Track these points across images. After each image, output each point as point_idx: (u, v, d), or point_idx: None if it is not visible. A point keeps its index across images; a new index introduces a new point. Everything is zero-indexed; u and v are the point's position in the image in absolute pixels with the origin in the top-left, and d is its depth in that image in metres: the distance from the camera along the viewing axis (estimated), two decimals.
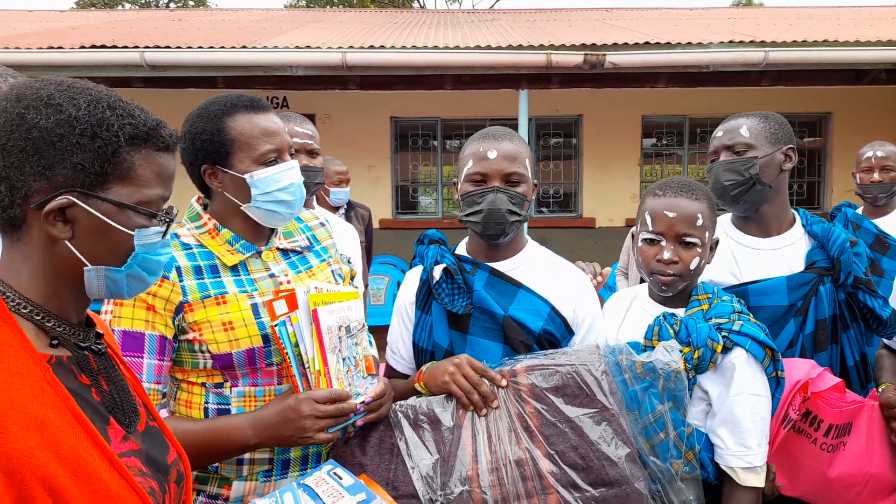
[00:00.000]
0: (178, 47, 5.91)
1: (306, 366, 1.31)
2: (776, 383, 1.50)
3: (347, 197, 4.00)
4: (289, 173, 1.43)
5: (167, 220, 0.89)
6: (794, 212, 1.88)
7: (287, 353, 1.31)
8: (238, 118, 1.39)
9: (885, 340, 1.83)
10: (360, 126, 7.97)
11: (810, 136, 8.38)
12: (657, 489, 1.38)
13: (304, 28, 8.35)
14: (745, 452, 1.46)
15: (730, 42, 6.13)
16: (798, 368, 1.58)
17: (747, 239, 1.81)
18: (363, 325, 1.44)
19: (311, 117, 7.94)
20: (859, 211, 3.10)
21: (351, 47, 5.98)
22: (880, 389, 1.66)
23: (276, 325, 1.30)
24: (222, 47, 5.96)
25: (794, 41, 6.13)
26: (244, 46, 6.02)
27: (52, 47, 5.98)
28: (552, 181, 8.42)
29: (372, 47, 6.02)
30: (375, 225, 5.60)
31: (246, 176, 1.39)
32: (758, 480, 1.47)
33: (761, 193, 1.76)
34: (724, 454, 1.48)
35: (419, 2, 20.96)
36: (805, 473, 1.58)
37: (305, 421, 1.27)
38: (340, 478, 1.21)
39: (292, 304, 1.32)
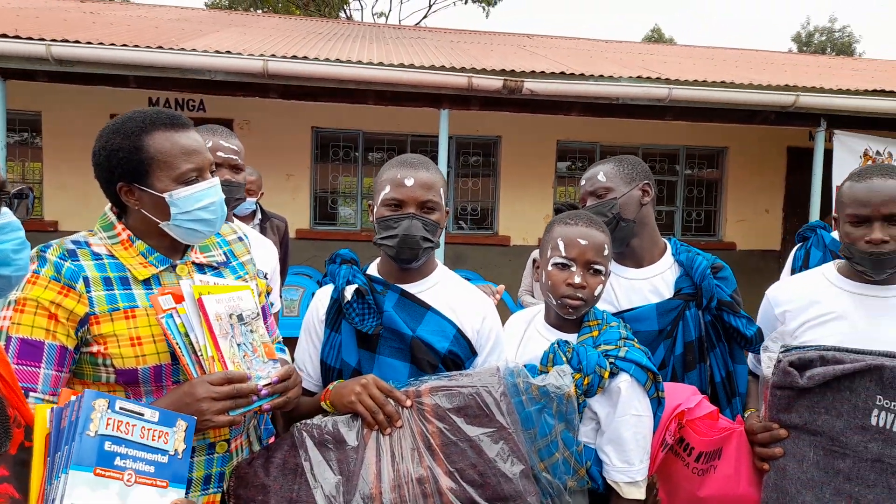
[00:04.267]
0: (89, 43, 5.63)
1: (199, 353, 1.30)
2: (657, 403, 1.63)
3: (252, 207, 3.90)
4: (210, 191, 1.41)
5: None
6: (666, 241, 2.06)
7: (177, 344, 1.29)
8: (157, 136, 1.36)
9: (749, 366, 2.01)
10: (279, 134, 7.86)
11: (709, 167, 9.00)
12: (547, 502, 1.47)
13: (225, 31, 8.15)
14: (628, 468, 1.58)
15: (638, 77, 6.51)
16: (679, 393, 1.72)
17: (623, 270, 1.99)
18: (258, 314, 1.43)
19: (229, 122, 7.75)
20: (835, 234, 2.80)
21: (273, 56, 5.90)
22: (745, 416, 1.81)
23: (162, 318, 1.29)
24: (136, 46, 5.73)
25: (695, 80, 6.60)
26: (160, 47, 5.81)
27: None
28: (470, 199, 8.59)
29: (295, 57, 5.96)
30: (292, 235, 5.53)
31: (165, 195, 1.36)
32: (639, 493, 1.59)
33: (626, 229, 1.94)
34: (610, 470, 1.59)
35: (346, 12, 20.81)
36: (679, 492, 1.72)
37: (202, 403, 1.25)
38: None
39: (178, 299, 1.32)
